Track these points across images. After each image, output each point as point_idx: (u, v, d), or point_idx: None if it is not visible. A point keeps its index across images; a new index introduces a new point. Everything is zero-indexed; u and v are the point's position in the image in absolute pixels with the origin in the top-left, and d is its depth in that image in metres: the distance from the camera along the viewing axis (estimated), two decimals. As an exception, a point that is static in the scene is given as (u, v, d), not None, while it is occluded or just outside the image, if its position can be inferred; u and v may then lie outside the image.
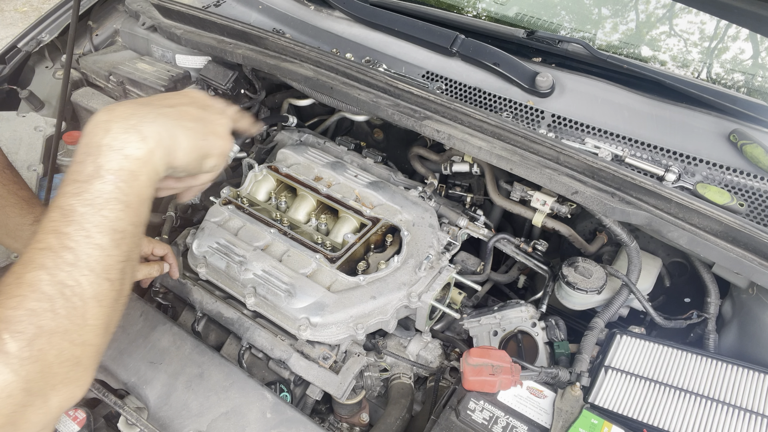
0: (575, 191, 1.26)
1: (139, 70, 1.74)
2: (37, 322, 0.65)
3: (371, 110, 1.50)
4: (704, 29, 2.00)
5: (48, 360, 0.66)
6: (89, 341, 0.71)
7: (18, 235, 1.05)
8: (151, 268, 1.28)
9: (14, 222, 1.03)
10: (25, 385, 0.64)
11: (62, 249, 0.68)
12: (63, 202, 0.70)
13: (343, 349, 1.28)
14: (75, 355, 0.69)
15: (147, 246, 1.28)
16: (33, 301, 0.66)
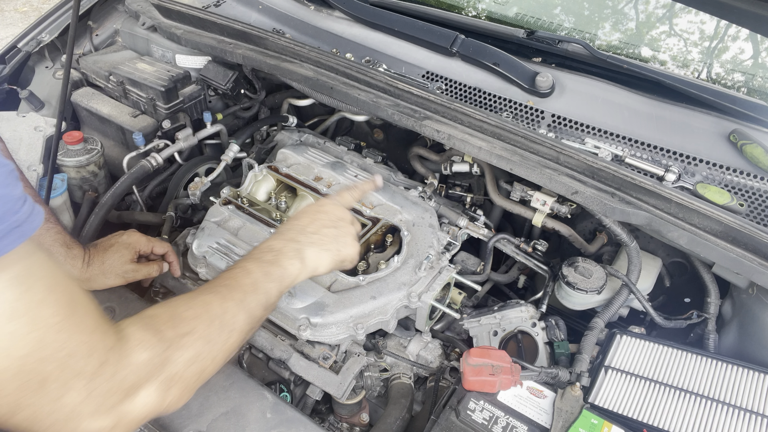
0: (575, 191, 1.26)
1: (139, 70, 1.73)
2: None
3: (371, 110, 1.50)
4: (704, 29, 2.00)
5: None
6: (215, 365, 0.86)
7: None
8: (150, 268, 1.28)
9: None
10: None
11: (236, 289, 0.91)
12: (249, 265, 0.96)
13: (343, 349, 1.28)
14: None
15: (146, 245, 1.28)
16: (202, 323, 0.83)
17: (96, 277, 1.16)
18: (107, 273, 1.17)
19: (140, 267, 1.25)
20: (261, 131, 1.84)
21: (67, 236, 1.11)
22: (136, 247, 1.23)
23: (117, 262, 1.19)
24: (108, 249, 1.18)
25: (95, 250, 1.18)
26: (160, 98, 1.66)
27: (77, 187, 1.65)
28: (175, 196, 1.68)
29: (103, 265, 1.17)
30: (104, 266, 1.17)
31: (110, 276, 1.18)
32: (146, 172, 1.61)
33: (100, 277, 1.17)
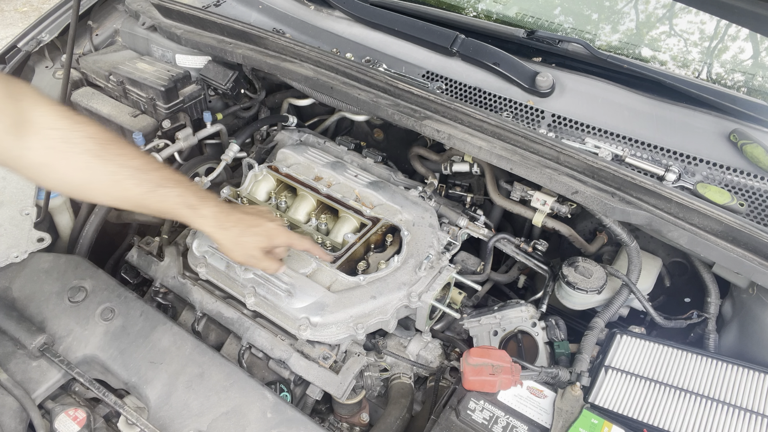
0: (575, 191, 1.26)
1: (139, 70, 1.73)
2: None
3: (371, 110, 1.50)
4: (704, 29, 2.00)
5: None
6: None
7: (145, 205, 1.08)
8: (270, 264, 1.21)
9: (135, 193, 1.05)
10: None
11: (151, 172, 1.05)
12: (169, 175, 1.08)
13: (343, 349, 1.28)
14: None
15: (285, 241, 1.21)
16: None
17: (226, 242, 1.15)
18: (236, 248, 1.16)
19: (264, 258, 1.19)
20: (261, 131, 1.84)
21: (190, 197, 1.10)
22: (275, 241, 1.19)
23: (251, 244, 1.16)
24: (250, 227, 1.16)
25: (238, 220, 1.15)
26: (160, 98, 1.66)
27: (77, 187, 1.65)
28: (175, 196, 1.68)
29: (238, 238, 1.14)
30: (238, 240, 1.15)
31: (237, 252, 1.16)
32: (146, 172, 1.61)
33: (228, 245, 1.15)
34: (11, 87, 0.97)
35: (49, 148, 0.99)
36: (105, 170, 1.02)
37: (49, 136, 0.99)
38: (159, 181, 1.06)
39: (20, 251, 1.35)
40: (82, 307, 1.26)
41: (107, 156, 1.02)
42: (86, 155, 1.01)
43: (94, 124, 1.04)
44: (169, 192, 1.07)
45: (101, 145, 1.02)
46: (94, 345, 1.21)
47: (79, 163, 1.01)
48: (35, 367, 1.16)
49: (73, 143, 1.00)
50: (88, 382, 1.14)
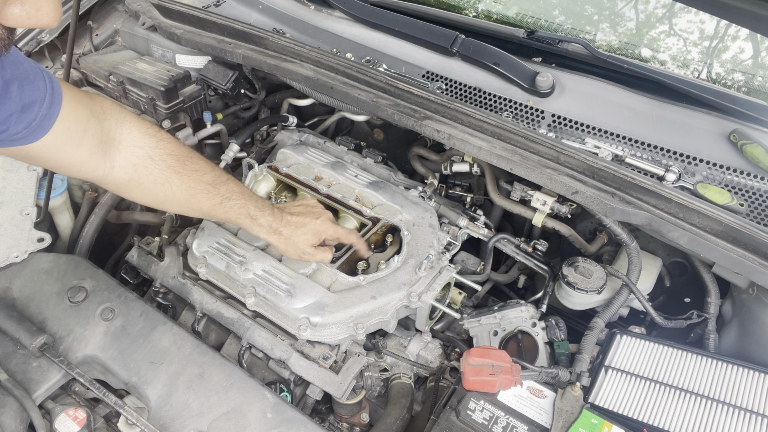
0: (575, 191, 1.26)
1: (139, 70, 1.73)
2: None
3: (371, 110, 1.50)
4: (704, 29, 2.00)
5: None
6: None
7: (213, 215, 1.20)
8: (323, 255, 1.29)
9: (207, 205, 1.17)
10: None
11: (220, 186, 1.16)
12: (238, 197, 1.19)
13: (343, 349, 1.28)
14: None
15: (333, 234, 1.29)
16: None
17: (280, 245, 1.25)
18: (289, 249, 1.26)
19: (316, 252, 1.27)
20: (261, 131, 1.84)
21: (251, 208, 1.20)
22: (323, 234, 1.27)
23: (302, 242, 1.25)
24: (299, 227, 1.25)
25: (287, 224, 1.24)
26: (160, 98, 1.66)
27: (77, 187, 1.65)
28: (175, 196, 1.68)
29: (290, 239, 1.24)
30: (290, 241, 1.24)
31: (291, 250, 1.26)
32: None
33: (283, 247, 1.26)
34: (95, 106, 1.03)
35: (134, 165, 1.07)
36: (183, 185, 1.12)
37: (135, 154, 1.07)
38: (226, 194, 1.17)
39: (20, 251, 1.35)
40: (82, 307, 1.26)
41: (185, 172, 1.11)
42: (168, 171, 1.09)
43: (173, 140, 1.12)
44: (234, 204, 1.18)
45: (180, 162, 1.11)
46: (94, 345, 1.21)
47: (161, 178, 1.10)
48: (35, 368, 1.16)
49: (156, 160, 1.08)
50: (88, 382, 1.14)
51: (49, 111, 0.92)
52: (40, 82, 0.92)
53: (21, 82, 0.88)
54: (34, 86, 0.90)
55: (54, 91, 0.94)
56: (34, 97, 0.89)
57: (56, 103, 0.94)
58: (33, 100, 0.89)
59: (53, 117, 0.93)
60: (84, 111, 1.00)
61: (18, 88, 0.87)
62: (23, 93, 0.88)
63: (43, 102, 0.91)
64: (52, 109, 0.93)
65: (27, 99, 0.88)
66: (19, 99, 0.87)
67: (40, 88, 0.92)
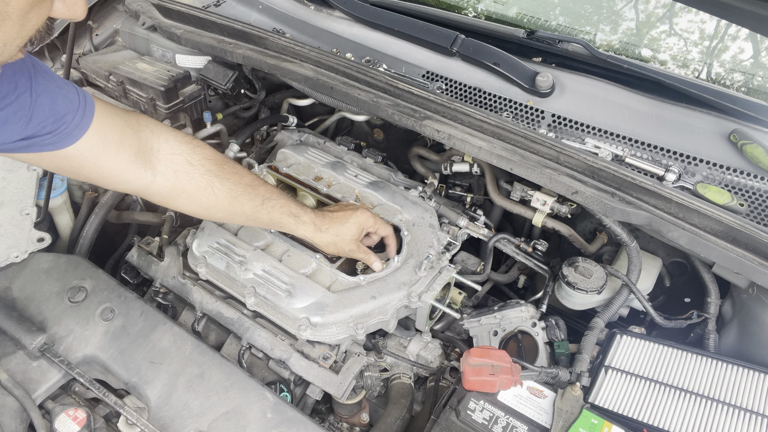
0: (575, 191, 1.26)
1: (139, 70, 1.73)
2: None
3: (371, 110, 1.50)
4: (704, 29, 2.00)
5: None
6: None
7: (256, 217, 1.22)
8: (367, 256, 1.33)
9: (249, 207, 1.20)
10: None
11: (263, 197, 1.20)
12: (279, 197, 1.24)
13: (343, 349, 1.28)
14: None
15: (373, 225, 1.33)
16: None
17: (325, 242, 1.28)
18: (338, 244, 1.29)
19: (360, 249, 1.32)
20: (261, 131, 1.84)
21: (292, 206, 1.24)
22: (365, 226, 1.31)
23: (349, 236, 1.28)
24: (343, 223, 1.28)
25: (331, 220, 1.28)
26: (160, 98, 1.66)
27: (77, 187, 1.65)
28: (175, 196, 1.68)
29: (337, 236, 1.27)
30: (337, 237, 1.27)
31: (340, 245, 1.29)
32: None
33: (330, 246, 1.29)
34: (130, 118, 1.08)
35: (175, 172, 1.11)
36: (224, 188, 1.15)
37: (174, 161, 1.11)
38: (266, 195, 1.20)
39: (20, 251, 1.35)
40: (82, 307, 1.26)
41: (225, 175, 1.15)
42: (208, 175, 1.13)
43: (208, 146, 1.16)
44: (275, 203, 1.21)
45: (219, 165, 1.15)
46: (94, 345, 1.21)
47: (203, 183, 1.13)
48: (35, 368, 1.16)
49: (196, 165, 1.12)
50: (88, 382, 1.14)
51: (81, 121, 0.98)
52: (73, 96, 0.98)
53: (53, 94, 0.94)
54: (66, 98, 0.96)
55: (86, 104, 1.00)
56: (66, 109, 0.96)
57: (88, 114, 1.00)
58: (66, 111, 0.96)
59: (85, 127, 0.99)
60: (119, 121, 1.05)
61: (50, 99, 0.93)
62: (56, 104, 0.94)
63: (75, 113, 0.97)
64: (84, 120, 0.99)
65: (60, 110, 0.94)
66: (50, 109, 0.93)
67: (73, 100, 0.97)
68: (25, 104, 0.91)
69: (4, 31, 0.64)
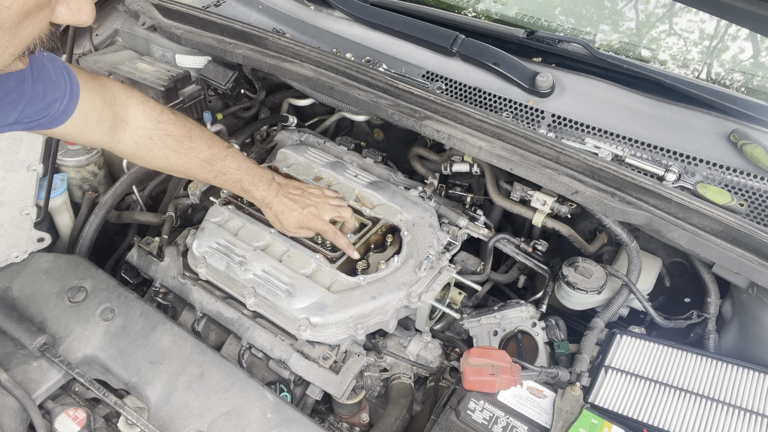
0: (575, 191, 1.26)
1: (139, 70, 1.73)
2: None
3: (371, 110, 1.50)
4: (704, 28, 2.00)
5: None
6: None
7: (212, 183, 1.36)
8: None
9: (203, 177, 1.32)
10: None
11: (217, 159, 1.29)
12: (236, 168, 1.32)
13: (343, 349, 1.28)
14: None
15: None
16: None
17: (269, 217, 1.37)
18: (276, 223, 1.37)
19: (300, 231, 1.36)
20: (261, 131, 1.84)
21: (245, 182, 1.33)
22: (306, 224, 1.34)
23: (286, 223, 1.34)
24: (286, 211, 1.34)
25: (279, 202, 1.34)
26: (160, 98, 1.66)
27: (77, 187, 1.65)
28: (175, 196, 1.68)
29: (277, 217, 1.35)
30: (277, 219, 1.35)
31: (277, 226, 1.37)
32: (146, 172, 1.62)
33: (271, 219, 1.37)
34: (106, 94, 1.17)
35: (135, 144, 1.23)
36: (179, 161, 1.26)
37: (137, 134, 1.22)
38: (221, 170, 1.30)
39: (20, 251, 1.35)
40: (82, 307, 1.26)
41: (182, 151, 1.25)
42: (165, 150, 1.24)
43: (174, 121, 1.25)
44: (228, 179, 1.32)
45: (178, 142, 1.25)
46: (94, 345, 1.21)
47: (159, 155, 1.25)
48: (35, 368, 1.16)
49: (155, 141, 1.23)
50: (88, 383, 1.14)
51: (68, 106, 1.08)
52: (61, 82, 1.05)
53: (45, 83, 1.02)
54: (56, 86, 1.04)
55: (73, 89, 1.08)
56: (56, 96, 1.04)
57: (74, 99, 1.09)
58: (55, 98, 1.04)
59: (70, 111, 1.09)
60: (98, 100, 1.15)
61: (43, 88, 1.01)
62: (47, 92, 1.02)
63: (63, 99, 1.06)
64: (70, 105, 1.08)
65: (50, 98, 1.03)
66: (43, 97, 1.01)
67: (62, 87, 1.06)
68: (24, 93, 0.97)
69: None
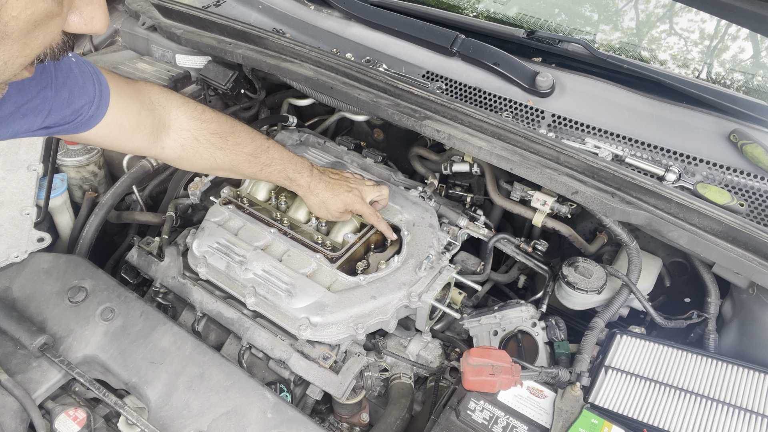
0: (575, 191, 1.26)
1: (139, 70, 1.73)
2: None
3: (371, 110, 1.50)
4: (704, 28, 2.00)
5: None
6: None
7: (257, 177, 1.40)
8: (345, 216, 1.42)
9: (249, 172, 1.34)
10: None
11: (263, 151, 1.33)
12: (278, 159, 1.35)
13: (343, 349, 1.28)
14: None
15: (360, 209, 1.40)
16: None
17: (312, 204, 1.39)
18: (321, 209, 1.39)
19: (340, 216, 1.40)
20: (261, 131, 1.84)
21: (289, 171, 1.36)
22: (351, 207, 1.39)
23: (332, 208, 1.38)
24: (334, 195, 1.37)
25: (325, 186, 1.38)
26: (160, 98, 1.66)
27: (77, 187, 1.65)
28: (175, 196, 1.68)
29: (324, 202, 1.38)
30: (323, 204, 1.38)
31: (322, 211, 1.40)
32: (146, 172, 1.62)
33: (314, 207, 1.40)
34: (144, 98, 1.15)
35: (181, 147, 1.23)
36: (226, 158, 1.28)
37: (182, 136, 1.22)
38: (266, 162, 1.33)
39: (20, 251, 1.35)
40: (82, 307, 1.26)
41: (227, 147, 1.27)
42: (212, 149, 1.25)
43: (216, 119, 1.26)
44: (273, 169, 1.34)
45: (223, 139, 1.26)
46: (94, 345, 1.21)
47: (206, 155, 1.26)
48: (35, 368, 1.16)
49: (201, 140, 1.24)
50: (89, 383, 1.14)
51: (97, 111, 1.05)
52: (89, 87, 1.03)
53: (71, 88, 0.99)
54: (83, 90, 1.01)
55: (102, 94, 1.05)
56: (83, 101, 1.01)
57: (104, 104, 1.06)
58: (83, 103, 1.01)
59: (100, 117, 1.06)
60: (134, 105, 1.13)
61: (69, 93, 0.98)
62: (73, 96, 0.99)
63: (91, 105, 1.03)
64: (100, 110, 1.05)
65: (76, 103, 1.00)
66: (69, 103, 0.99)
67: (89, 92, 1.03)
68: (47, 99, 0.95)
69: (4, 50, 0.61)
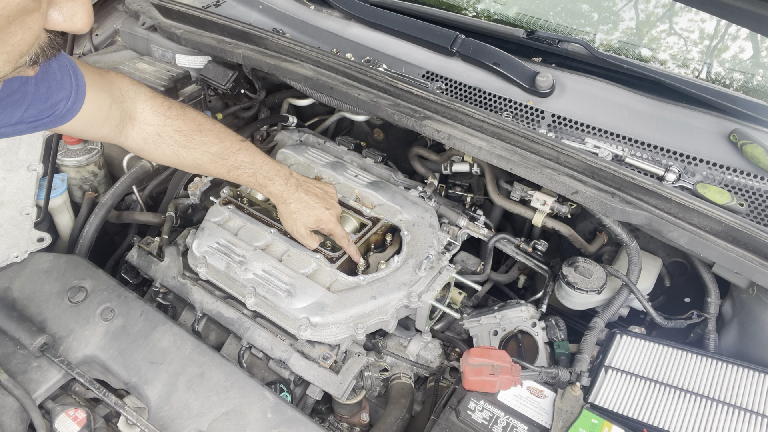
0: (575, 191, 1.26)
1: (139, 70, 1.73)
2: None
3: (371, 110, 1.50)
4: (704, 28, 2.00)
5: None
6: None
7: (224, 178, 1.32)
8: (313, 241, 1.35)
9: (215, 172, 1.30)
10: None
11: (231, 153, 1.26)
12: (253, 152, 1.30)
13: (343, 349, 1.28)
14: None
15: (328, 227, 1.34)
16: None
17: (282, 214, 1.34)
18: (288, 220, 1.33)
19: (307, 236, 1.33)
20: (261, 131, 1.84)
21: (260, 177, 1.29)
22: (323, 225, 1.33)
23: (301, 222, 1.32)
24: (307, 207, 1.31)
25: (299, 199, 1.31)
26: (160, 98, 1.66)
27: (77, 187, 1.65)
28: (175, 196, 1.68)
29: (293, 214, 1.31)
30: (292, 215, 1.32)
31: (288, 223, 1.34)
32: (146, 172, 1.61)
33: (284, 215, 1.33)
34: (114, 90, 1.16)
35: (143, 140, 1.22)
36: (189, 157, 1.24)
37: (145, 131, 1.21)
38: (234, 164, 1.27)
39: (20, 251, 1.35)
40: (82, 307, 1.26)
41: (191, 146, 1.23)
42: (174, 146, 1.22)
43: (182, 116, 1.22)
44: (242, 173, 1.29)
45: (187, 137, 1.22)
46: (94, 345, 1.21)
47: (168, 151, 1.23)
48: (35, 368, 1.16)
49: (163, 137, 1.21)
50: (89, 383, 1.14)
51: (73, 106, 1.05)
52: (66, 82, 1.03)
53: (50, 83, 0.99)
54: (61, 86, 1.02)
55: (79, 88, 1.06)
56: (60, 96, 1.02)
57: (80, 98, 1.06)
58: (60, 98, 1.02)
59: (75, 111, 1.07)
60: (106, 98, 1.13)
61: (47, 88, 0.99)
62: (51, 92, 1.00)
63: (67, 100, 1.04)
64: (76, 104, 1.06)
65: (55, 98, 1.01)
66: (47, 98, 0.99)
67: (67, 86, 1.03)
68: (27, 93, 0.96)
69: None
